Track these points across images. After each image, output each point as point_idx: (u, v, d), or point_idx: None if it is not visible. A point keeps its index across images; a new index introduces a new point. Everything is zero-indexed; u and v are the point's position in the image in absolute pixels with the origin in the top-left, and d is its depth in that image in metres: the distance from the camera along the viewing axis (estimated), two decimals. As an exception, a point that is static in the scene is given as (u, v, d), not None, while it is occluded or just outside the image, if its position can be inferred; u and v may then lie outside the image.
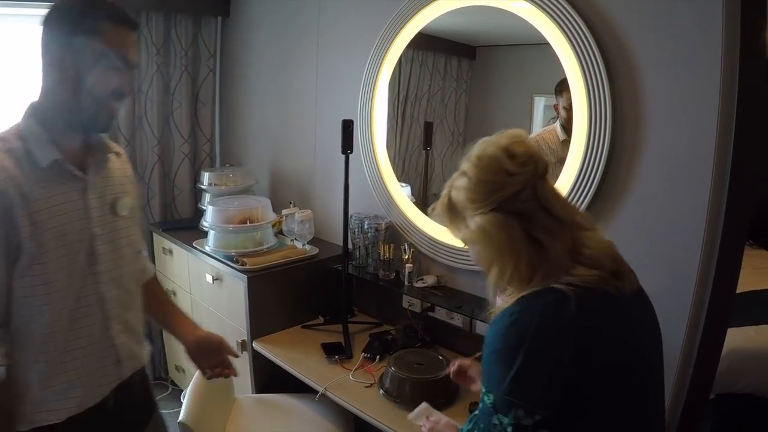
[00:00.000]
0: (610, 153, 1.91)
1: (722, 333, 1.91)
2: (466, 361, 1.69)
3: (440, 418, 1.61)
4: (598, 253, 1.16)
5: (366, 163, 2.73)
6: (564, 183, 2.03)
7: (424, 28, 2.48)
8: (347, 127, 2.43)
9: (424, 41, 2.56)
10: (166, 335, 3.61)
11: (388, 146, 2.71)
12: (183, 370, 3.42)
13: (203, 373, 1.78)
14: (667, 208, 1.82)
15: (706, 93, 1.69)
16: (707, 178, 1.72)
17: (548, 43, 2.02)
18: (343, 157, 2.46)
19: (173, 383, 3.67)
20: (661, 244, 1.85)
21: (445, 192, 1.25)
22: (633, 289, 1.19)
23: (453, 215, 1.23)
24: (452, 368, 1.70)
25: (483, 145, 1.20)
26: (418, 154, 2.73)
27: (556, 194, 1.19)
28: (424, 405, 1.74)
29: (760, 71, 1.69)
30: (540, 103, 2.32)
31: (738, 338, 2.86)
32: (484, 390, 1.15)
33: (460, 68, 2.61)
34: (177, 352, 3.49)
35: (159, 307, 1.79)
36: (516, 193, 1.14)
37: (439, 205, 1.26)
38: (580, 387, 1.07)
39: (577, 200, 1.99)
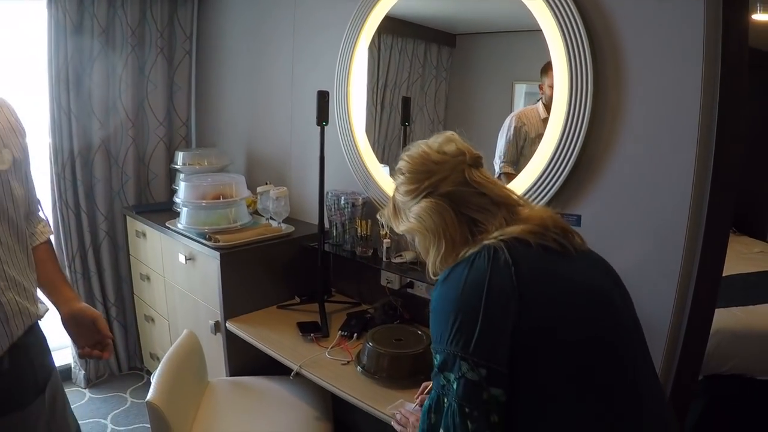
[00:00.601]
0: (591, 118, 1.86)
1: (713, 300, 1.87)
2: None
3: (413, 412, 1.58)
4: (536, 218, 1.19)
5: (342, 137, 2.68)
6: (542, 155, 2.00)
7: (403, 13, 2.46)
8: (323, 97, 2.38)
9: (404, 28, 2.53)
10: (140, 325, 3.52)
11: (368, 132, 2.66)
12: (158, 358, 3.34)
13: (77, 348, 1.69)
14: (650, 179, 1.78)
15: (689, 55, 1.66)
16: (692, 145, 1.68)
17: (529, 30, 2.00)
18: (318, 132, 2.42)
19: (149, 372, 3.59)
20: (646, 215, 1.81)
21: (390, 197, 1.36)
22: (582, 249, 1.21)
23: (397, 214, 1.33)
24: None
25: (416, 145, 1.30)
26: (397, 142, 2.67)
27: (489, 179, 1.26)
28: (400, 401, 1.74)
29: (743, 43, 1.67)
30: (521, 90, 2.30)
31: (725, 319, 2.87)
32: (433, 353, 1.14)
33: (440, 56, 2.56)
34: (151, 340, 3.41)
35: (45, 273, 1.66)
36: (445, 177, 1.22)
37: (387, 209, 1.37)
38: (529, 337, 1.04)
39: (557, 170, 1.95)
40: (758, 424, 2.96)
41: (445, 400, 1.09)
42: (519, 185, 2.04)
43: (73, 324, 1.65)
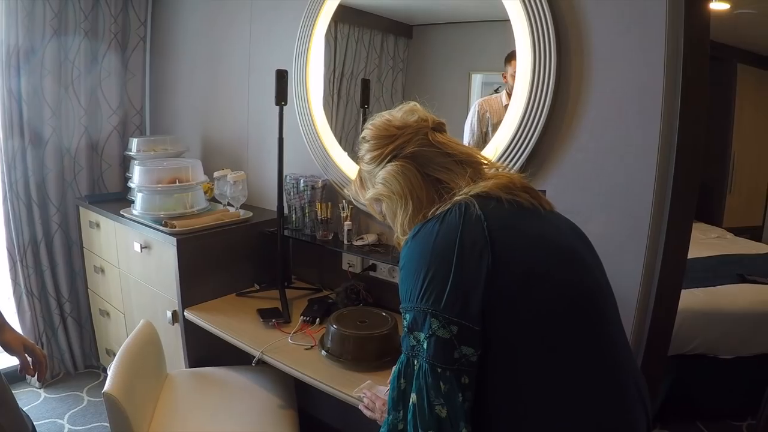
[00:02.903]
0: (554, 94, 1.88)
1: (681, 271, 1.90)
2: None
3: (381, 394, 1.58)
4: (503, 176, 1.19)
5: (301, 118, 2.64)
6: (504, 134, 2.01)
7: (361, 3, 2.47)
8: (281, 77, 2.34)
9: (361, 18, 2.53)
10: (96, 321, 3.42)
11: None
12: (114, 354, 3.24)
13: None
14: (615, 157, 1.80)
15: (652, 39, 1.68)
16: (657, 115, 1.70)
17: (486, 21, 2.01)
18: (277, 114, 2.38)
19: (105, 370, 3.49)
20: (610, 192, 1.82)
21: (357, 170, 1.36)
22: (551, 208, 1.22)
23: (363, 184, 1.34)
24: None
25: (379, 115, 1.31)
26: (355, 133, 2.64)
27: (452, 140, 1.26)
28: (368, 383, 1.72)
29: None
30: (477, 80, 2.32)
31: (688, 299, 2.91)
32: (402, 314, 1.12)
33: (397, 47, 2.55)
34: (107, 335, 3.32)
35: None
36: (408, 140, 1.22)
37: (353, 183, 1.38)
38: (501, 292, 1.02)
39: (522, 144, 1.96)
40: (723, 402, 3.02)
41: (416, 361, 1.06)
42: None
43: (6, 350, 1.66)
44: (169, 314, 2.53)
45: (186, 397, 2.25)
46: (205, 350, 2.52)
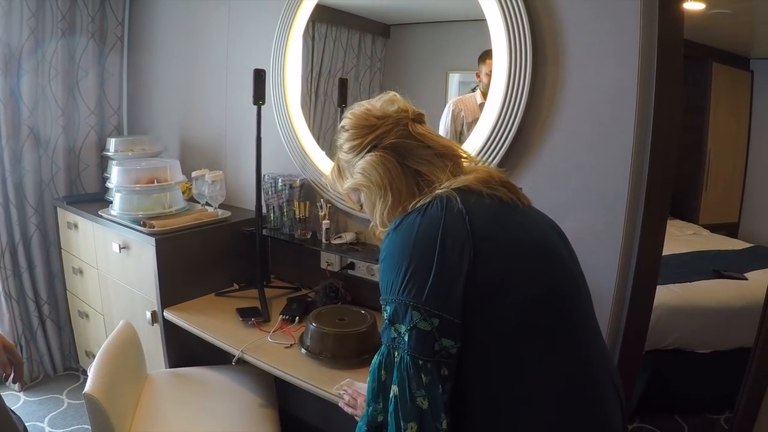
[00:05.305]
0: (530, 93, 1.90)
1: (656, 266, 1.92)
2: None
3: (362, 390, 1.57)
4: (482, 170, 1.20)
5: (279, 118, 2.64)
6: (481, 132, 2.03)
7: (338, 3, 2.49)
8: (259, 76, 2.34)
9: (338, 17, 2.53)
10: (74, 322, 3.40)
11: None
12: (94, 356, 3.22)
13: None
14: (590, 152, 1.82)
15: (627, 38, 1.71)
16: (631, 113, 1.72)
17: (463, 20, 2.03)
18: (254, 115, 2.38)
19: (85, 372, 3.46)
20: (587, 185, 1.84)
21: (335, 159, 1.34)
22: (528, 203, 1.23)
23: (341, 173, 1.32)
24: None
25: (359, 104, 1.30)
26: (332, 132, 2.64)
27: (432, 132, 1.26)
28: (347, 380, 1.72)
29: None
30: (454, 79, 2.34)
31: (664, 295, 2.95)
32: (382, 306, 1.11)
33: (375, 46, 2.56)
34: (86, 337, 3.30)
35: None
36: (388, 131, 1.22)
37: (331, 172, 1.37)
38: (480, 286, 1.03)
39: (496, 146, 1.98)
40: (701, 395, 3.06)
41: (396, 353, 1.06)
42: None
43: None
44: (148, 315, 2.52)
45: (167, 397, 2.24)
46: (185, 350, 2.51)
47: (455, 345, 1.02)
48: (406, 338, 1.03)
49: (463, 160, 1.25)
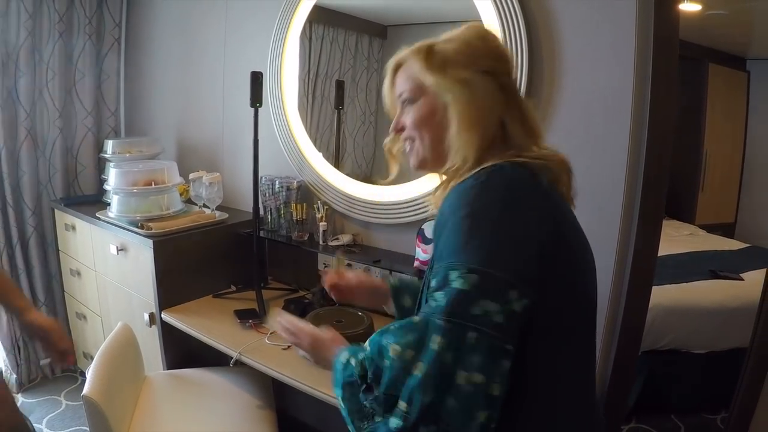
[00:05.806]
0: (527, 89, 1.90)
1: (652, 267, 1.92)
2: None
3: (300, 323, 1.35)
4: (559, 156, 1.10)
5: (276, 120, 2.65)
6: None
7: (335, 4, 2.48)
8: (256, 79, 2.34)
9: (335, 18, 2.53)
10: (72, 324, 3.40)
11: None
12: (92, 357, 3.23)
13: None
14: (586, 153, 1.82)
15: (623, 40, 1.71)
16: (627, 113, 1.73)
17: (460, 21, 2.01)
18: (252, 116, 2.38)
19: (83, 373, 3.46)
20: (583, 185, 1.79)
21: (423, 46, 1.15)
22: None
23: (429, 63, 1.09)
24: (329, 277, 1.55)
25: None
26: (330, 133, 2.66)
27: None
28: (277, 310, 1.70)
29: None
30: None
31: (660, 295, 2.95)
32: (449, 270, 0.91)
33: (372, 47, 2.57)
34: (84, 339, 3.30)
35: None
36: (507, 72, 1.09)
37: (412, 50, 1.17)
38: (556, 271, 0.96)
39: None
40: (697, 396, 3.07)
41: (475, 335, 0.86)
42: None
43: (28, 335, 1.64)
44: (146, 316, 2.52)
45: (165, 399, 2.24)
46: (183, 352, 2.51)
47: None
48: (499, 320, 0.87)
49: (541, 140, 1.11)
